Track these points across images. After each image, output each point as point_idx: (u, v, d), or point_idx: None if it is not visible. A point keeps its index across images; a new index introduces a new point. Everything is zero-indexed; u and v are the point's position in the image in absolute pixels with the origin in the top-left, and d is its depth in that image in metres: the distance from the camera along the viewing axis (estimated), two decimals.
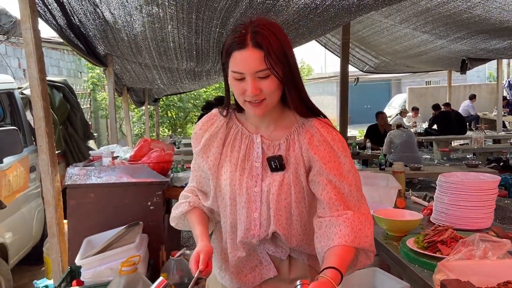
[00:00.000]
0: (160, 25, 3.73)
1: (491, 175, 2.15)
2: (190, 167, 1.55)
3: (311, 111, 1.33)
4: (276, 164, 1.30)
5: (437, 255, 1.63)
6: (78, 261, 2.24)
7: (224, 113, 1.40)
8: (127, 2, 3.22)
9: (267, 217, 1.31)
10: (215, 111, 1.44)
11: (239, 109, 1.38)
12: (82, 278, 2.25)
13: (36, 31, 2.42)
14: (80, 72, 11.34)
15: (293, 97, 1.27)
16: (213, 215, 1.45)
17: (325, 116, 1.35)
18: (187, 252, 2.73)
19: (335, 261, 1.15)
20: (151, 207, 2.67)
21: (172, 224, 1.52)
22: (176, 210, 1.47)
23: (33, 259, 4.13)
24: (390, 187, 2.61)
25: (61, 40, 4.53)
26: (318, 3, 3.17)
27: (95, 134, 6.65)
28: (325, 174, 1.26)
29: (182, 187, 3.03)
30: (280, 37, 1.22)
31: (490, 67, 19.11)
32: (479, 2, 4.32)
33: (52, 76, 7.76)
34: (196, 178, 1.47)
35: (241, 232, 1.33)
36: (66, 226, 2.73)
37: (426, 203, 2.63)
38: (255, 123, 1.37)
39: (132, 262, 1.98)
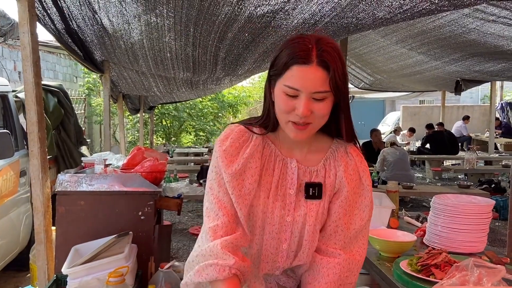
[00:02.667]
0: (158, 35, 3.73)
1: (485, 199, 2.15)
2: (183, 177, 1.40)
3: (353, 137, 1.24)
4: (315, 192, 1.20)
5: (431, 279, 1.62)
6: (64, 269, 2.20)
7: (259, 131, 1.22)
8: (126, 11, 3.21)
9: (295, 249, 1.22)
10: (242, 127, 1.24)
11: (271, 127, 1.22)
12: None
13: (34, 35, 2.39)
14: (76, 77, 11.29)
15: (345, 123, 1.19)
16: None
17: (358, 143, 1.28)
18: (176, 264, 2.69)
19: None
20: (142, 217, 2.63)
21: None
22: (202, 273, 1.10)
23: (19, 265, 4.05)
24: (383, 206, 2.60)
25: (58, 44, 4.52)
26: (317, 19, 3.19)
27: (88, 140, 6.60)
28: (345, 206, 1.22)
29: (174, 198, 2.99)
30: (342, 60, 1.11)
31: (483, 88, 19.33)
32: (474, 28, 4.37)
33: (48, 80, 7.73)
34: (224, 210, 1.16)
35: (267, 265, 1.22)
36: (54, 233, 2.68)
37: (419, 224, 2.62)
38: (289, 145, 1.23)
39: (120, 273, 1.94)
